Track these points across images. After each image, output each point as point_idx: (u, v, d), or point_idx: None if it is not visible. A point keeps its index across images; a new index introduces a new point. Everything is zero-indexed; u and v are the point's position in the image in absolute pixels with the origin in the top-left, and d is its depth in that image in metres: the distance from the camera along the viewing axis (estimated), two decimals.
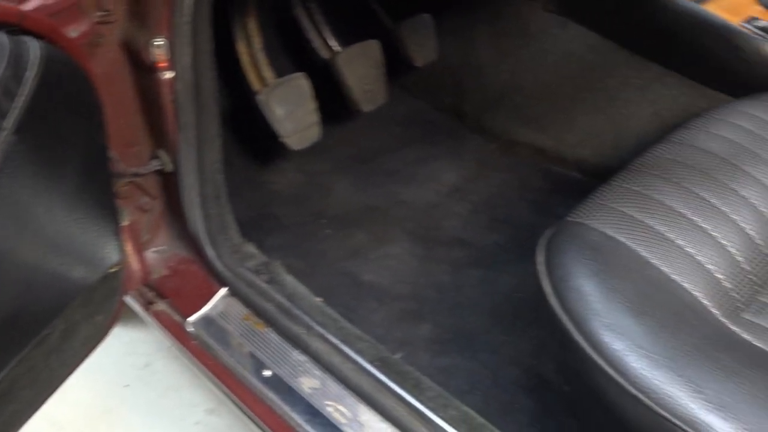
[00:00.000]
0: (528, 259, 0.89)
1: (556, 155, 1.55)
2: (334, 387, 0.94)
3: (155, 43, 0.87)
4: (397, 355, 1.11)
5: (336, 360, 0.94)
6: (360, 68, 1.49)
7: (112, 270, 0.87)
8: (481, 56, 1.69)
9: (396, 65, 1.63)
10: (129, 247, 1.01)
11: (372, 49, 1.51)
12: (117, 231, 0.87)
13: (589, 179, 1.48)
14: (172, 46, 0.87)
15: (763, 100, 1.11)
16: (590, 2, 1.42)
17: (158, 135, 0.97)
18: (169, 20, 0.85)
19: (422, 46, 1.63)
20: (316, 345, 0.96)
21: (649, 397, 0.72)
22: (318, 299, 1.06)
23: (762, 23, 1.24)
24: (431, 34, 1.65)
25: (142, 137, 0.98)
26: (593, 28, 1.43)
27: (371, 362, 0.93)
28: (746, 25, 1.25)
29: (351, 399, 0.92)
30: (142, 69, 0.90)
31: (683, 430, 0.69)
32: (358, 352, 0.94)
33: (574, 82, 1.53)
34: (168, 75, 0.89)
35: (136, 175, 1.00)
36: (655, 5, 1.29)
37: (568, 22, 1.48)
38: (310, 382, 0.95)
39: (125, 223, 0.99)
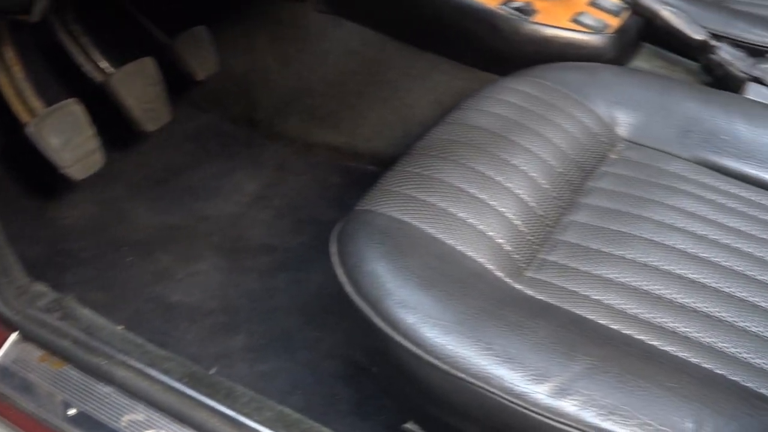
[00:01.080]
0: None
1: (350, 151, 1.60)
2: (145, 411, 0.93)
3: None
4: (213, 370, 1.10)
5: (143, 384, 0.93)
6: (137, 87, 1.47)
7: None
8: (266, 63, 1.71)
9: (178, 81, 1.61)
10: None
11: (147, 66, 1.49)
12: None
13: (383, 170, 1.54)
14: None
15: (526, 75, 1.21)
16: None
17: None
18: None
19: (202, 59, 1.63)
20: (121, 373, 0.94)
21: (444, 362, 0.76)
22: (119, 327, 1.04)
23: (516, 4, 1.35)
24: (209, 46, 1.64)
25: None
26: (365, 23, 1.49)
27: (180, 380, 0.92)
28: (503, 7, 1.35)
29: (164, 420, 0.91)
30: None
31: (479, 386, 0.75)
32: (165, 372, 0.93)
33: (358, 78, 1.58)
34: None
35: None
36: None
37: (341, 21, 1.54)
38: (118, 411, 0.93)
39: None
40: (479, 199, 0.95)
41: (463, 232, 0.91)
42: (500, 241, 0.92)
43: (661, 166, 1.08)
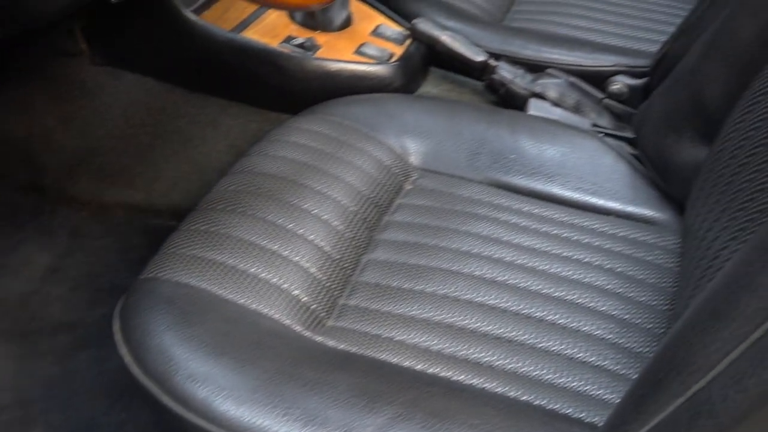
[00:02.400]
0: None
1: (149, 208, 1.53)
2: None
3: None
4: None
5: None
6: None
7: None
8: (47, 124, 1.60)
9: None
10: None
11: None
12: None
13: None
14: None
15: (314, 113, 1.19)
16: (131, 48, 1.42)
17: None
18: None
19: None
20: None
21: None
22: None
23: (298, 40, 1.34)
24: None
25: None
26: (146, 73, 1.43)
27: None
28: (285, 45, 1.33)
29: None
30: None
31: None
32: None
33: (147, 129, 1.51)
34: None
35: None
36: (193, 41, 1.32)
37: (121, 72, 1.47)
38: None
39: None
40: (271, 251, 0.92)
41: (255, 289, 0.87)
42: (296, 292, 0.89)
43: (455, 192, 1.09)
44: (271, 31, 1.36)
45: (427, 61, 1.42)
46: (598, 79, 1.38)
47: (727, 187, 0.82)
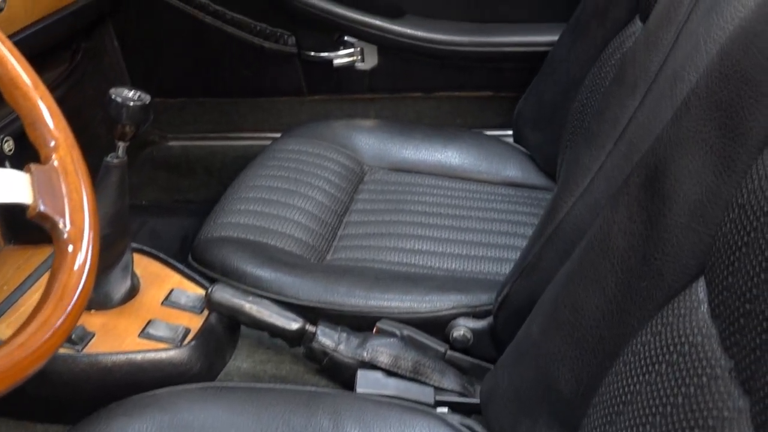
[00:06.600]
0: None
1: None
2: None
3: None
4: None
5: None
6: None
7: None
8: None
9: None
10: None
11: None
12: None
13: None
14: None
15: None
16: None
17: None
18: None
19: None
20: None
21: None
22: None
23: None
24: None
25: None
26: None
27: None
28: None
29: None
30: None
31: None
32: None
33: None
34: None
35: None
36: None
37: None
38: None
39: None
40: None
41: None
42: None
43: None
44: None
45: (234, 327, 1.24)
46: (437, 325, 1.24)
47: None
